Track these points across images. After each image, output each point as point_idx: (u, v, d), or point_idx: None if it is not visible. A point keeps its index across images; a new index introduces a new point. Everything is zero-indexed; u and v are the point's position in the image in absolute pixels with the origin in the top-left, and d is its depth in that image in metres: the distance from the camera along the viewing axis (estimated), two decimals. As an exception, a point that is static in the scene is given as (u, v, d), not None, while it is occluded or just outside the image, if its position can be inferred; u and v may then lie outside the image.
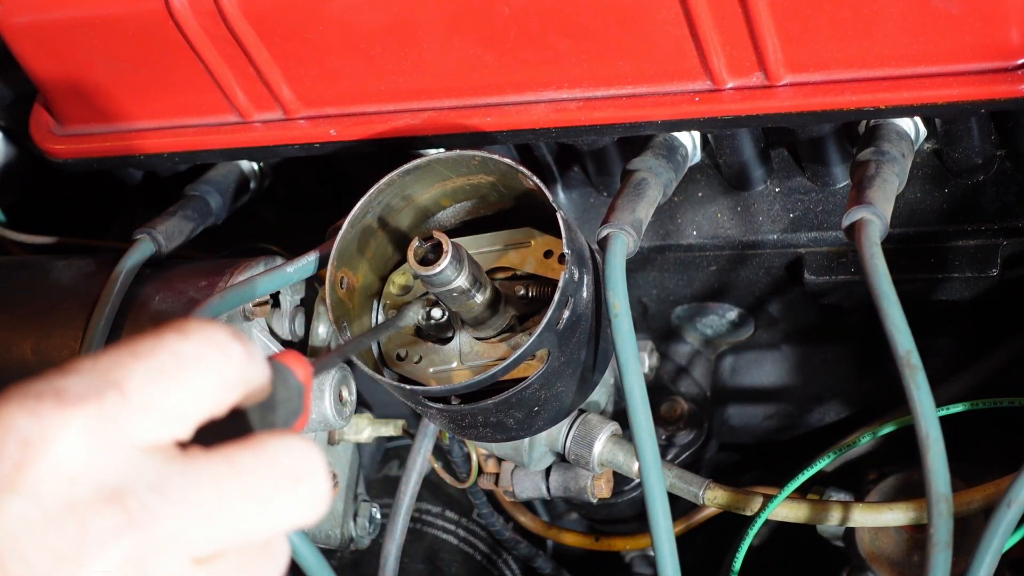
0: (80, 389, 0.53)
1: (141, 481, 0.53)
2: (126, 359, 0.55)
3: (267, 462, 0.56)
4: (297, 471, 0.56)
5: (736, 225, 1.16)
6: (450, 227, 1.06)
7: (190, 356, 0.56)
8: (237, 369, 0.57)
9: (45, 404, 0.52)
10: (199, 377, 0.56)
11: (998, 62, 0.94)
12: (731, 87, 1.01)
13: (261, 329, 1.13)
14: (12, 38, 1.16)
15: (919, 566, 1.09)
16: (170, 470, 0.54)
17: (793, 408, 1.38)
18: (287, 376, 0.61)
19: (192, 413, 0.56)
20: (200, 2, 1.07)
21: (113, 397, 0.53)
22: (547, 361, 0.95)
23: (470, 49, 1.05)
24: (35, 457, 0.51)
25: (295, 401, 0.61)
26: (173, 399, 0.55)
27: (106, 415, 0.53)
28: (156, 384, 0.55)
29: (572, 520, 1.48)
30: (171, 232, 1.19)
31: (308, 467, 0.57)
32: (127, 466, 0.53)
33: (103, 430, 0.53)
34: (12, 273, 1.23)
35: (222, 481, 0.54)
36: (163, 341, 0.56)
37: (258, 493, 0.55)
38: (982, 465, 1.11)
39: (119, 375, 0.54)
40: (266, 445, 0.56)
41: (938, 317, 1.23)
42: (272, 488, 0.55)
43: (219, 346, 0.57)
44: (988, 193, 1.09)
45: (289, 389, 0.61)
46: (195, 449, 0.55)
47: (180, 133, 1.19)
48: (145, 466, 0.53)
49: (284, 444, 0.57)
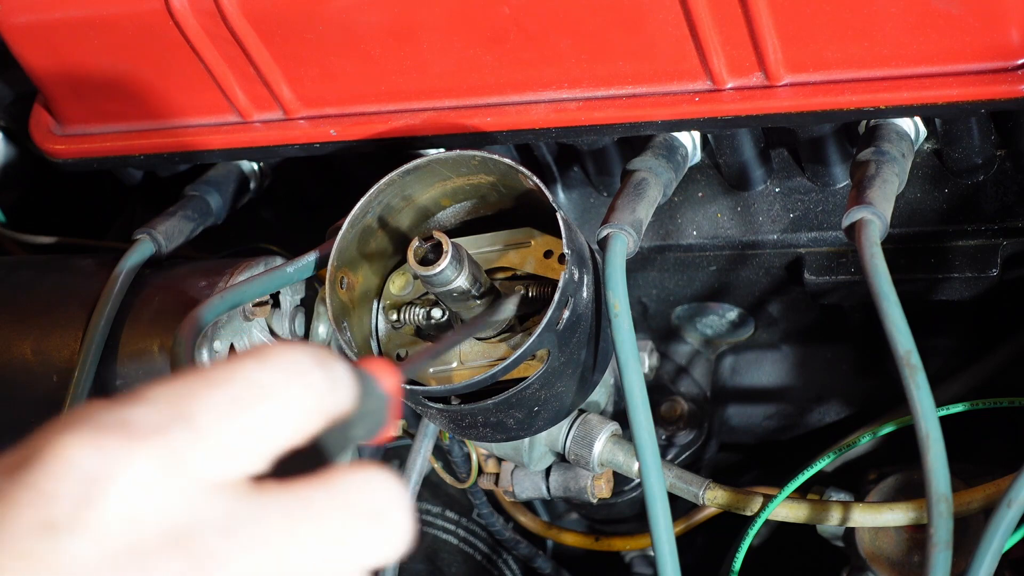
0: (148, 421, 0.50)
1: (208, 523, 0.49)
2: (199, 388, 0.51)
3: (344, 501, 0.52)
4: (376, 509, 0.53)
5: (736, 225, 1.16)
6: (450, 227, 1.06)
7: (268, 386, 0.52)
8: (319, 399, 0.54)
9: (111, 438, 0.49)
10: (277, 409, 0.52)
11: (998, 62, 0.94)
12: (731, 87, 1.01)
13: (261, 329, 1.13)
14: (12, 38, 1.16)
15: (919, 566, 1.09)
16: (240, 510, 0.50)
17: (793, 408, 1.38)
18: (372, 386, 0.57)
19: (267, 447, 0.52)
20: (200, 2, 1.07)
21: (183, 432, 0.50)
22: (547, 361, 0.95)
23: (470, 49, 1.05)
24: (98, 496, 0.48)
25: (379, 413, 0.58)
26: (247, 434, 0.51)
27: (175, 452, 0.50)
28: (230, 418, 0.51)
29: (572, 520, 1.48)
30: (171, 232, 1.19)
31: (388, 504, 0.53)
32: (194, 507, 0.50)
33: (171, 468, 0.49)
34: (12, 273, 1.23)
35: (295, 523, 0.51)
36: (240, 369, 0.52)
37: (334, 535, 0.51)
38: (982, 465, 1.11)
39: (191, 407, 0.51)
40: (342, 481, 0.53)
41: (938, 317, 1.23)
42: (348, 529, 0.52)
43: (300, 375, 0.53)
44: (988, 193, 1.09)
45: (373, 400, 0.57)
46: (268, 484, 0.52)
47: (180, 133, 1.19)
48: (214, 506, 0.50)
49: (364, 479, 0.53)
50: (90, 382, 1.10)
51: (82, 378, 1.09)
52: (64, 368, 1.12)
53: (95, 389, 1.10)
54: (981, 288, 1.11)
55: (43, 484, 0.48)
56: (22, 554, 0.47)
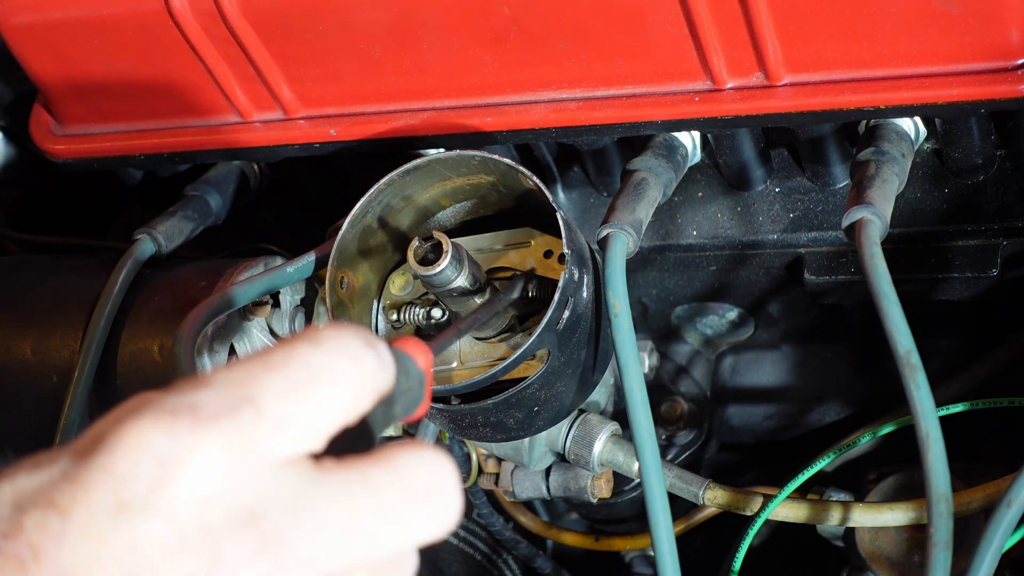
0: (215, 405, 0.52)
1: (275, 502, 0.52)
2: (259, 372, 0.54)
3: (400, 477, 0.55)
4: (429, 486, 0.55)
5: (736, 225, 1.16)
6: (450, 227, 1.06)
7: (324, 368, 0.55)
8: (370, 378, 0.56)
9: (180, 422, 0.51)
10: (333, 389, 0.55)
11: (998, 62, 0.94)
12: (731, 87, 1.01)
13: (261, 329, 1.13)
14: (12, 38, 1.16)
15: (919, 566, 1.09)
16: (304, 488, 0.52)
17: (793, 408, 1.38)
18: (408, 365, 0.60)
19: (326, 426, 0.54)
20: (200, 2, 1.07)
21: (248, 413, 0.52)
22: (547, 361, 0.95)
23: (470, 49, 1.05)
24: (171, 478, 0.50)
25: (416, 390, 0.61)
26: (307, 413, 0.54)
27: (242, 433, 0.52)
28: (290, 398, 0.53)
29: (572, 520, 1.48)
30: (171, 232, 1.19)
31: (440, 481, 0.56)
32: (262, 486, 0.52)
33: (238, 449, 0.52)
34: (12, 273, 1.23)
35: (356, 499, 0.53)
36: (296, 352, 0.55)
37: (392, 511, 0.54)
38: (982, 465, 1.11)
39: (253, 389, 0.53)
40: (400, 459, 0.55)
41: (938, 317, 1.23)
42: (405, 505, 0.54)
43: (352, 356, 0.56)
44: (988, 193, 1.09)
45: (410, 378, 0.60)
46: (328, 462, 0.54)
47: (180, 133, 1.19)
48: (279, 485, 0.52)
49: (417, 457, 0.55)
50: (90, 382, 1.10)
51: (82, 378, 1.09)
52: (64, 368, 1.12)
53: (95, 389, 1.11)
54: (981, 288, 1.11)
55: (116, 467, 0.50)
56: (97, 534, 0.49)
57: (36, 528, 0.49)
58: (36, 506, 0.50)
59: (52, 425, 1.09)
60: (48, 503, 0.50)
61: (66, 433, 1.08)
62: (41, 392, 1.13)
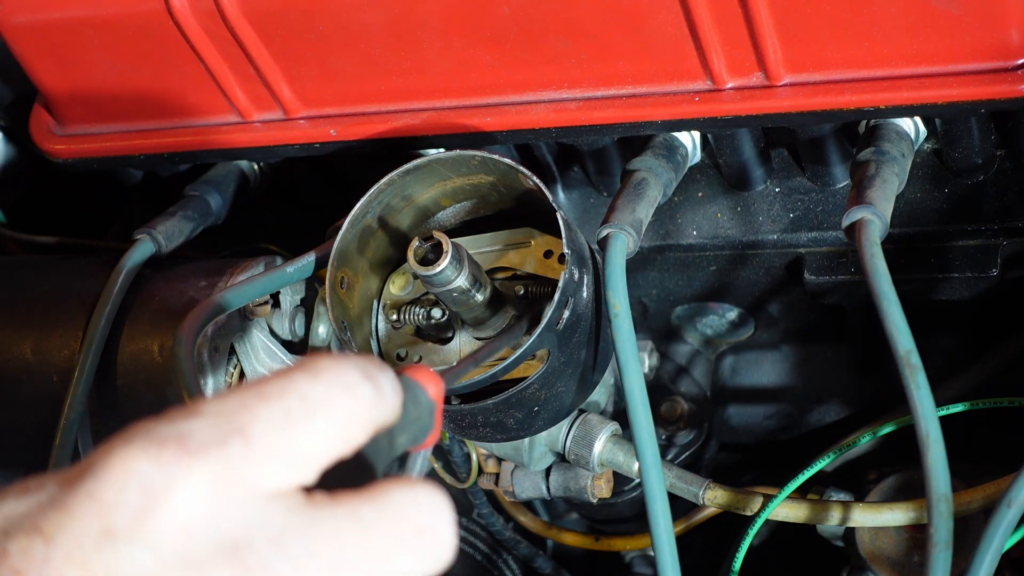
0: (204, 435, 0.52)
1: (261, 535, 0.51)
2: (252, 402, 0.53)
3: (392, 515, 0.54)
4: (422, 524, 0.54)
5: (736, 225, 1.16)
6: (450, 227, 1.06)
7: (319, 399, 0.54)
8: (366, 411, 0.56)
9: (168, 451, 0.51)
10: (327, 422, 0.54)
11: (998, 62, 0.94)
12: (731, 87, 1.01)
13: (261, 329, 1.13)
14: (12, 38, 1.16)
15: (919, 566, 1.09)
16: (291, 522, 0.52)
17: (793, 408, 1.38)
18: (418, 394, 0.59)
19: (318, 459, 0.54)
20: (200, 2, 1.07)
21: (237, 444, 0.52)
22: (547, 361, 0.95)
23: (470, 49, 1.05)
24: (156, 507, 0.50)
25: (425, 420, 0.60)
26: (299, 445, 0.53)
27: (230, 464, 0.51)
28: (282, 430, 0.53)
29: (572, 520, 1.48)
30: (171, 232, 1.19)
31: (433, 519, 0.55)
32: (248, 518, 0.51)
33: (226, 480, 0.51)
34: (12, 273, 1.23)
35: (344, 536, 0.52)
36: (291, 383, 0.54)
37: (381, 549, 0.53)
38: (982, 465, 1.11)
39: (244, 420, 0.53)
40: (391, 496, 0.54)
41: (938, 317, 1.23)
42: (395, 543, 0.53)
43: (348, 388, 0.55)
44: (988, 193, 1.09)
45: (419, 407, 0.59)
46: (318, 496, 0.53)
47: (180, 133, 1.19)
48: (266, 518, 0.52)
49: (410, 495, 0.55)
50: (90, 382, 1.10)
51: (82, 378, 1.09)
52: (64, 368, 1.12)
53: (95, 389, 1.10)
54: (981, 288, 1.11)
55: (102, 494, 0.50)
56: (81, 561, 0.49)
57: (20, 553, 0.49)
58: (21, 531, 0.50)
59: (52, 425, 1.09)
60: (33, 528, 0.50)
61: (66, 433, 1.08)
62: (41, 392, 1.13)
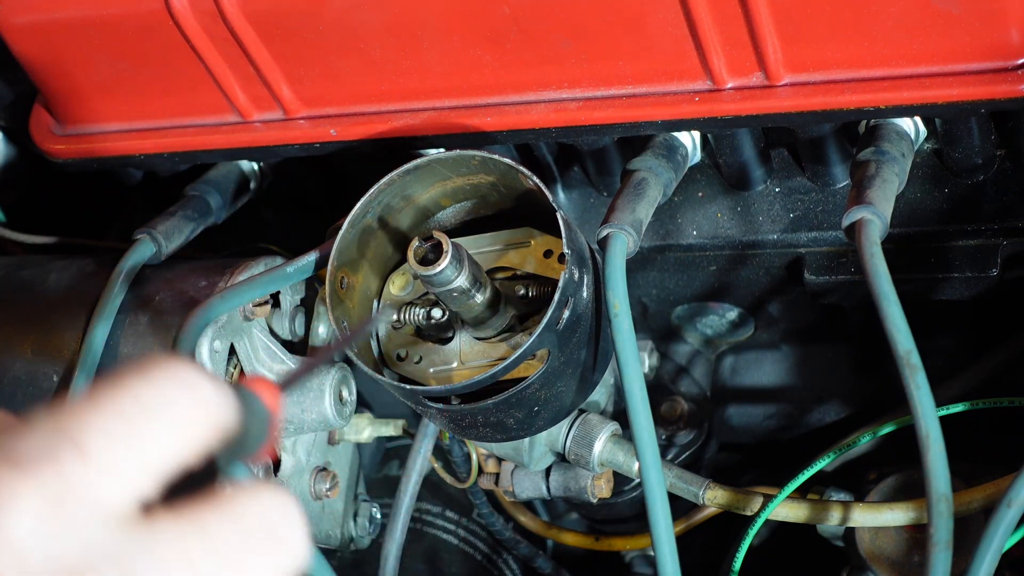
0: (35, 451, 0.48)
1: (102, 557, 0.47)
2: (85, 412, 0.49)
3: (237, 521, 0.51)
4: (270, 527, 0.52)
5: (736, 225, 1.16)
6: (450, 227, 1.06)
7: (155, 402, 0.50)
8: (207, 411, 0.52)
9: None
10: (166, 425, 0.50)
11: (998, 62, 0.94)
12: (731, 87, 1.01)
13: (261, 329, 1.13)
14: (12, 38, 1.16)
15: (919, 566, 1.09)
16: (134, 540, 0.48)
17: (793, 408, 1.38)
18: (254, 404, 0.57)
19: (159, 466, 0.50)
20: (200, 2, 1.07)
21: (71, 458, 0.48)
22: (547, 361, 0.95)
23: (470, 49, 1.05)
24: None
25: (262, 431, 0.57)
26: (138, 454, 0.49)
27: (63, 481, 0.47)
28: (119, 439, 0.49)
29: (572, 520, 1.48)
30: (171, 232, 1.19)
31: (282, 521, 0.53)
32: (86, 539, 0.47)
33: (60, 499, 0.47)
34: (12, 273, 1.23)
35: (191, 550, 0.49)
36: (124, 387, 0.50)
37: (230, 556, 0.50)
38: (982, 465, 1.11)
39: (78, 432, 0.48)
40: (235, 503, 0.52)
41: (938, 317, 1.23)
42: (246, 549, 0.51)
43: (186, 387, 0.52)
44: (988, 193, 1.09)
45: (256, 417, 0.57)
46: (159, 510, 0.50)
47: (180, 133, 1.19)
48: (106, 538, 0.48)
49: (255, 499, 0.52)
50: (90, 382, 1.10)
51: (82, 378, 1.09)
52: (64, 368, 1.12)
53: (95, 389, 1.10)
54: (981, 288, 1.11)
55: None
56: None
57: None
58: None
59: (52, 425, 1.09)
60: None
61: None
62: (41, 392, 1.13)
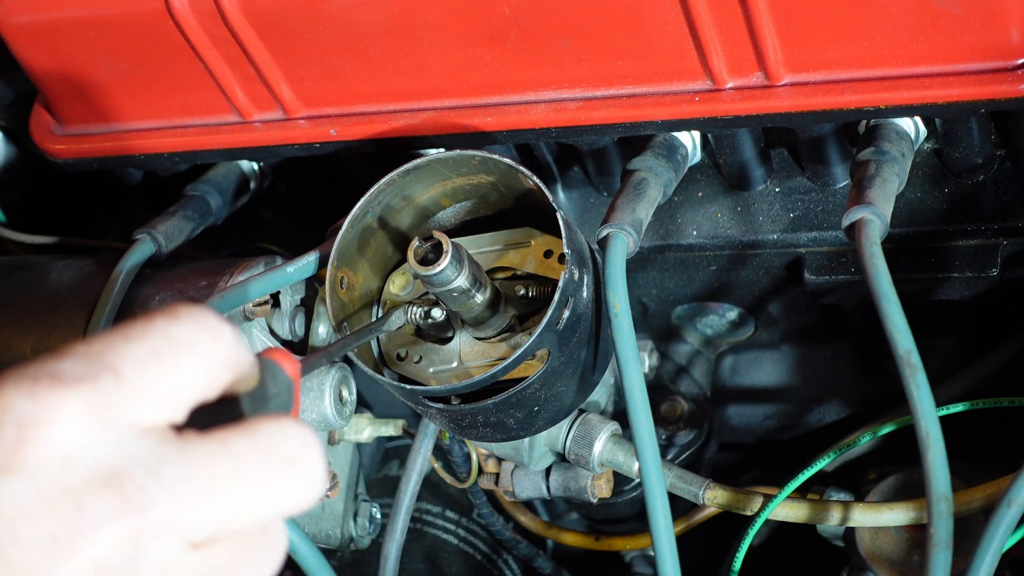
0: (76, 371, 0.53)
1: (137, 463, 0.53)
2: (119, 342, 0.55)
3: (262, 445, 0.56)
4: (292, 454, 0.56)
5: (736, 225, 1.16)
6: (450, 227, 1.06)
7: (182, 338, 0.56)
8: (227, 350, 0.58)
9: (42, 386, 0.52)
10: (191, 358, 0.56)
11: (998, 62, 0.94)
12: (731, 87, 1.01)
13: (261, 329, 1.13)
14: (12, 38, 1.16)
15: (919, 566, 1.09)
16: (166, 452, 0.53)
17: (793, 408, 1.38)
18: (276, 371, 0.61)
19: (185, 394, 0.56)
20: (200, 2, 1.07)
21: (108, 379, 0.53)
22: (547, 361, 0.95)
23: (470, 49, 1.05)
24: (32, 438, 0.51)
25: (285, 396, 0.62)
26: (167, 380, 0.55)
27: (102, 397, 0.53)
28: (150, 366, 0.55)
29: (572, 520, 1.48)
30: (171, 232, 1.19)
31: (303, 450, 0.57)
32: (123, 448, 0.53)
33: (100, 412, 0.53)
34: (12, 273, 1.23)
35: (217, 464, 0.54)
36: (154, 325, 0.56)
37: (253, 476, 0.55)
38: (982, 465, 1.11)
39: (113, 358, 0.54)
40: (260, 428, 0.56)
41: (938, 317, 1.23)
42: (267, 471, 0.55)
43: (209, 328, 0.57)
44: (988, 193, 1.09)
45: (279, 384, 0.61)
46: (190, 432, 0.55)
47: (180, 133, 1.19)
48: (141, 448, 0.53)
49: (279, 427, 0.57)
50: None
51: (82, 378, 1.09)
52: (64, 368, 1.12)
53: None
54: (981, 288, 1.11)
55: None
56: None
57: None
58: None
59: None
60: None
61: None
62: (41, 392, 1.13)
